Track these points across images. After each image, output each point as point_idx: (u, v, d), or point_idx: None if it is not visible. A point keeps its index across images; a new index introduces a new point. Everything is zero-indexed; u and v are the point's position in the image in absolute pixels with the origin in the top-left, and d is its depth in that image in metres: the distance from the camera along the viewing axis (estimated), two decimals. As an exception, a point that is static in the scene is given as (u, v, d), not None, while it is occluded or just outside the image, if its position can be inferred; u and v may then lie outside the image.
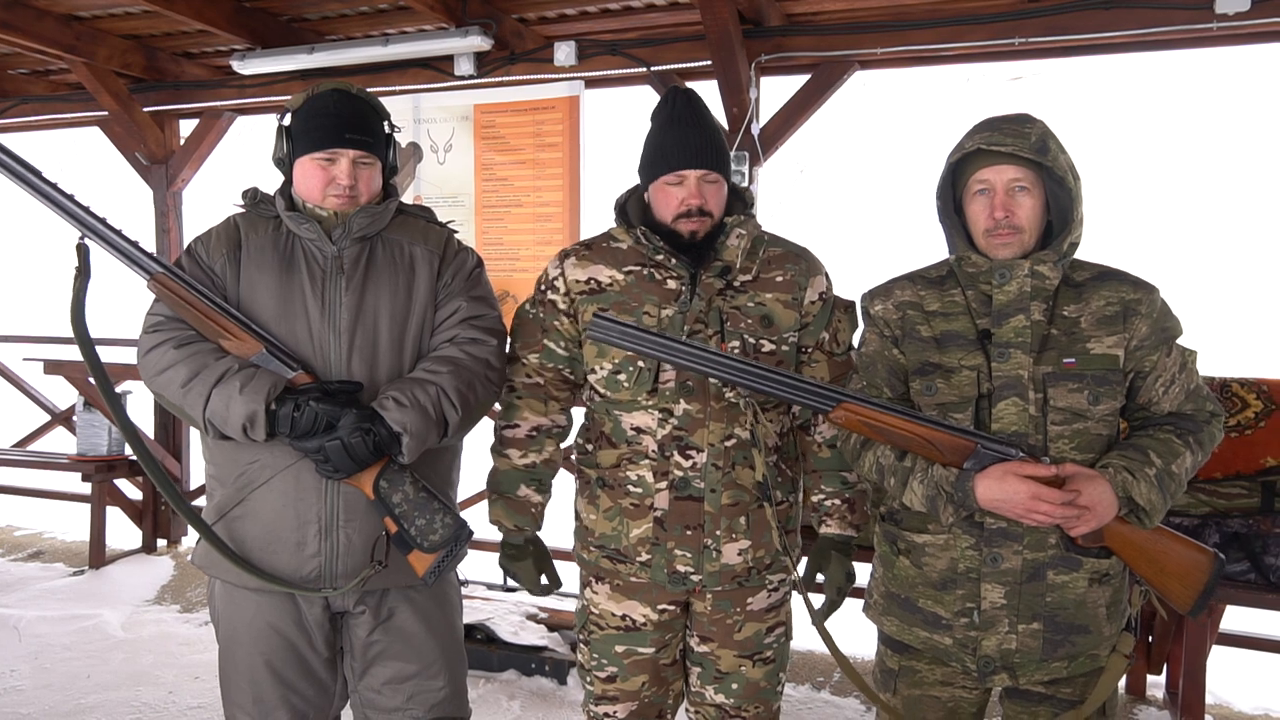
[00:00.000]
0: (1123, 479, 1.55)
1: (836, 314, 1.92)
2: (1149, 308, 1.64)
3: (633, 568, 1.87)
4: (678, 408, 1.81)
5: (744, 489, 1.83)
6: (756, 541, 1.85)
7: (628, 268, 1.87)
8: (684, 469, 1.81)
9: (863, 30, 3.46)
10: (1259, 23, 2.99)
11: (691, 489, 1.82)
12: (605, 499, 1.89)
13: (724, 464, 1.81)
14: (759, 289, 1.86)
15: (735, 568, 1.84)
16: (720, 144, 1.84)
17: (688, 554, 1.83)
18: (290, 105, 1.85)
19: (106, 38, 4.31)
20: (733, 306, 1.84)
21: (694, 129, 1.82)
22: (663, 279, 1.85)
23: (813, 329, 1.89)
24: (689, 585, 1.85)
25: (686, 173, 1.81)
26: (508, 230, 4.09)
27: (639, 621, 1.90)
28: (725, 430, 1.81)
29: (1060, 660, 1.65)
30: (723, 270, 1.85)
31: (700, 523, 1.82)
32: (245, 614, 1.84)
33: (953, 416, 1.63)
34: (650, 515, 1.84)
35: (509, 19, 3.84)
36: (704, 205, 1.81)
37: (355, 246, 1.84)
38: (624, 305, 1.85)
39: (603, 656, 1.93)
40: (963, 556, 1.65)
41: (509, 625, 3.58)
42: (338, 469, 1.71)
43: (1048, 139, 1.62)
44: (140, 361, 1.76)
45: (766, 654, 1.92)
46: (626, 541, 1.86)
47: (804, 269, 1.90)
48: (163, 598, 4.30)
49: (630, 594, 1.90)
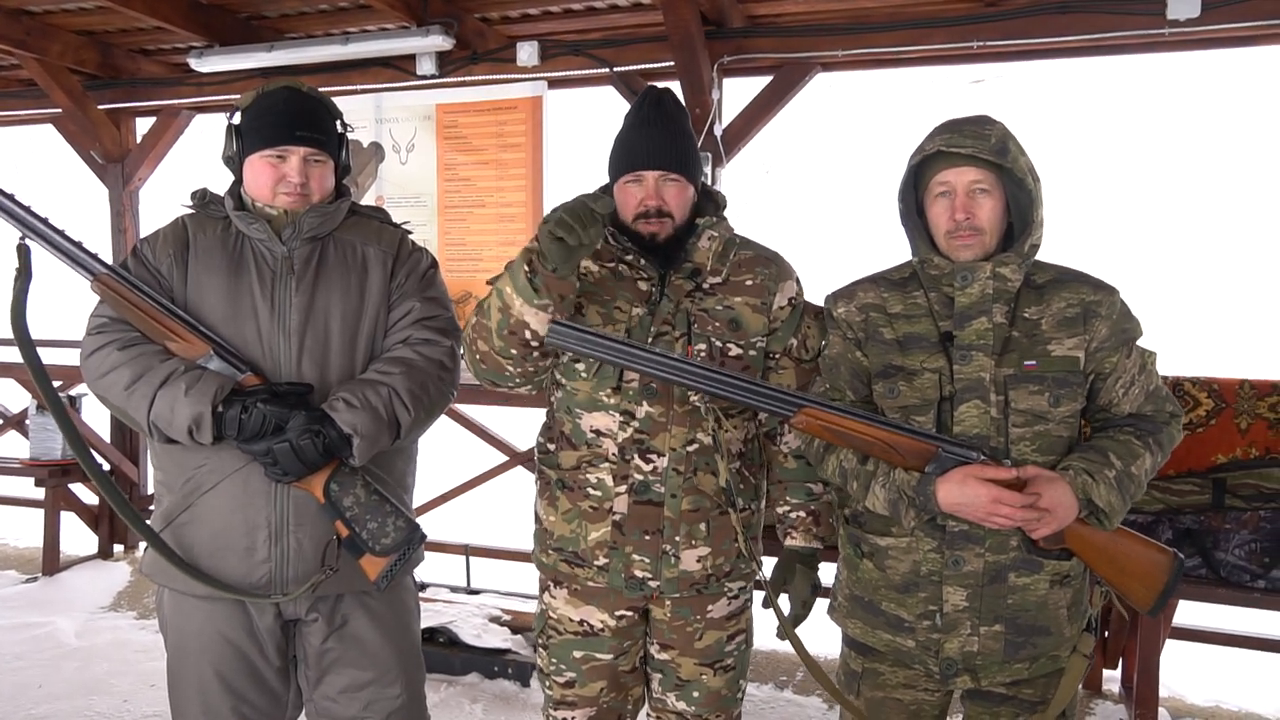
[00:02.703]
0: (1082, 481, 1.56)
1: (806, 320, 1.89)
2: (1109, 309, 1.65)
3: (590, 571, 1.84)
4: (640, 410, 1.79)
5: (705, 495, 1.81)
6: (716, 549, 1.83)
7: (604, 261, 1.85)
8: (644, 473, 1.79)
9: (824, 33, 3.46)
10: (1209, 29, 3.04)
11: (651, 493, 1.80)
12: (564, 500, 1.87)
13: (685, 469, 1.80)
14: (728, 292, 1.84)
15: (694, 574, 1.82)
16: (684, 145, 1.82)
17: (646, 559, 1.81)
18: (240, 104, 1.82)
19: (59, 33, 4.22)
20: (701, 309, 1.82)
21: (656, 129, 1.80)
22: (633, 278, 1.84)
23: (781, 334, 1.87)
24: (646, 591, 1.83)
25: (645, 173, 1.79)
26: (470, 231, 4.05)
27: (596, 627, 1.88)
28: (688, 435, 1.80)
29: (1022, 661, 1.65)
30: (692, 272, 1.83)
31: (659, 528, 1.80)
32: (194, 623, 1.80)
33: (915, 419, 1.63)
34: (609, 519, 1.81)
35: (471, 18, 3.81)
36: (662, 206, 1.79)
37: (306, 246, 1.81)
38: (596, 296, 1.83)
39: (561, 661, 1.91)
40: (925, 559, 1.65)
41: (471, 628, 3.55)
42: (287, 472, 1.68)
43: (1007, 141, 1.63)
44: (83, 364, 1.73)
45: (727, 662, 1.90)
46: (584, 544, 1.84)
47: (774, 273, 1.87)
48: (119, 604, 4.23)
49: (588, 599, 1.88)
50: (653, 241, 1.81)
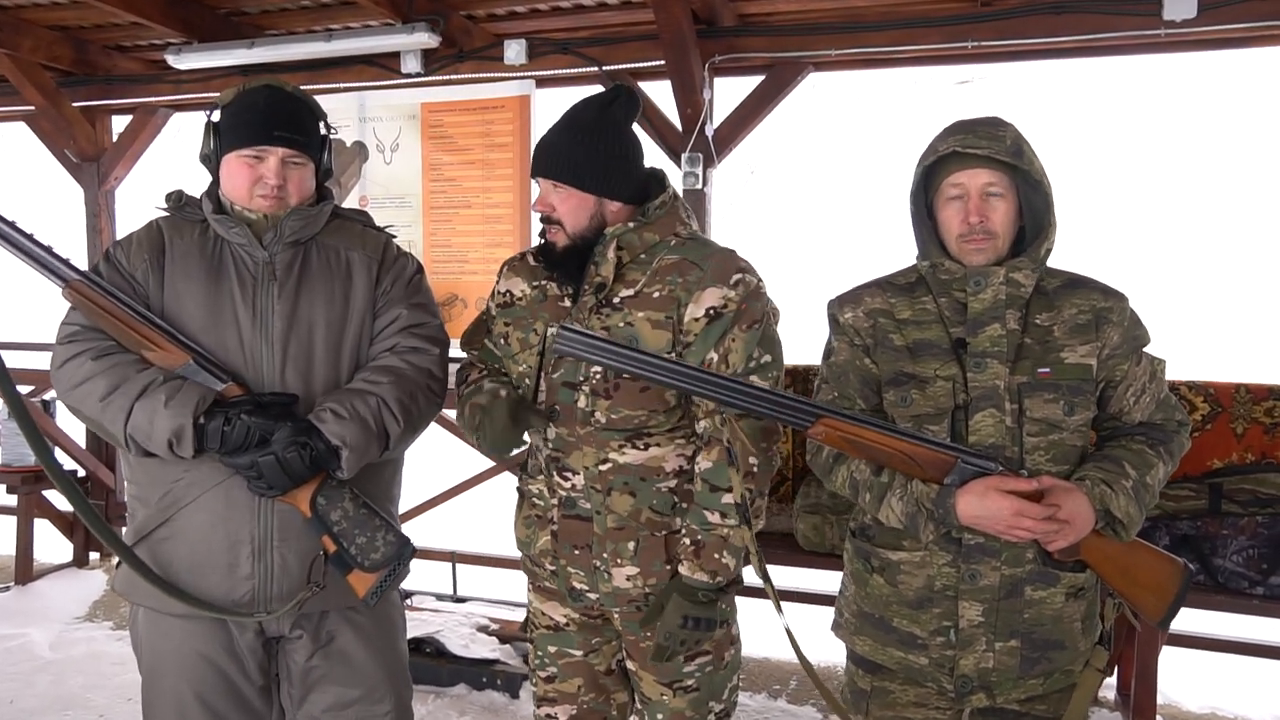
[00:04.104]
0: (1100, 491, 1.52)
1: (734, 332, 1.69)
2: (1120, 316, 1.62)
3: (545, 574, 1.87)
4: (550, 430, 1.78)
5: (622, 515, 1.75)
6: (645, 569, 1.76)
7: (535, 282, 1.84)
8: (565, 489, 1.79)
9: (817, 32, 3.43)
10: (1205, 30, 3.02)
11: (579, 509, 1.78)
12: (525, 506, 1.90)
13: (600, 488, 1.75)
14: (635, 306, 1.72)
15: (629, 592, 1.78)
16: (580, 154, 1.70)
17: (581, 572, 1.80)
18: (220, 101, 1.75)
19: (32, 28, 4.12)
20: (603, 326, 1.72)
21: (556, 135, 1.73)
22: (560, 295, 1.80)
23: (695, 349, 1.69)
24: (587, 602, 1.83)
25: (540, 180, 1.76)
26: (456, 232, 4.00)
27: (562, 622, 1.89)
28: (598, 454, 1.74)
29: (1036, 677, 1.62)
30: (599, 286, 1.74)
31: (589, 543, 1.78)
32: (171, 642, 1.73)
33: (928, 428, 1.59)
34: (549, 528, 1.83)
35: (457, 15, 3.75)
36: (550, 213, 1.74)
37: (288, 251, 1.75)
38: (523, 321, 1.82)
39: (544, 655, 1.92)
40: (939, 574, 1.60)
41: (459, 638, 3.49)
42: (272, 485, 1.62)
43: (1021, 142, 1.59)
44: (54, 374, 1.65)
45: (687, 683, 1.82)
46: (534, 550, 1.86)
47: (693, 280, 1.69)
48: (94, 614, 4.13)
49: (550, 596, 1.90)
50: (554, 252, 1.76)
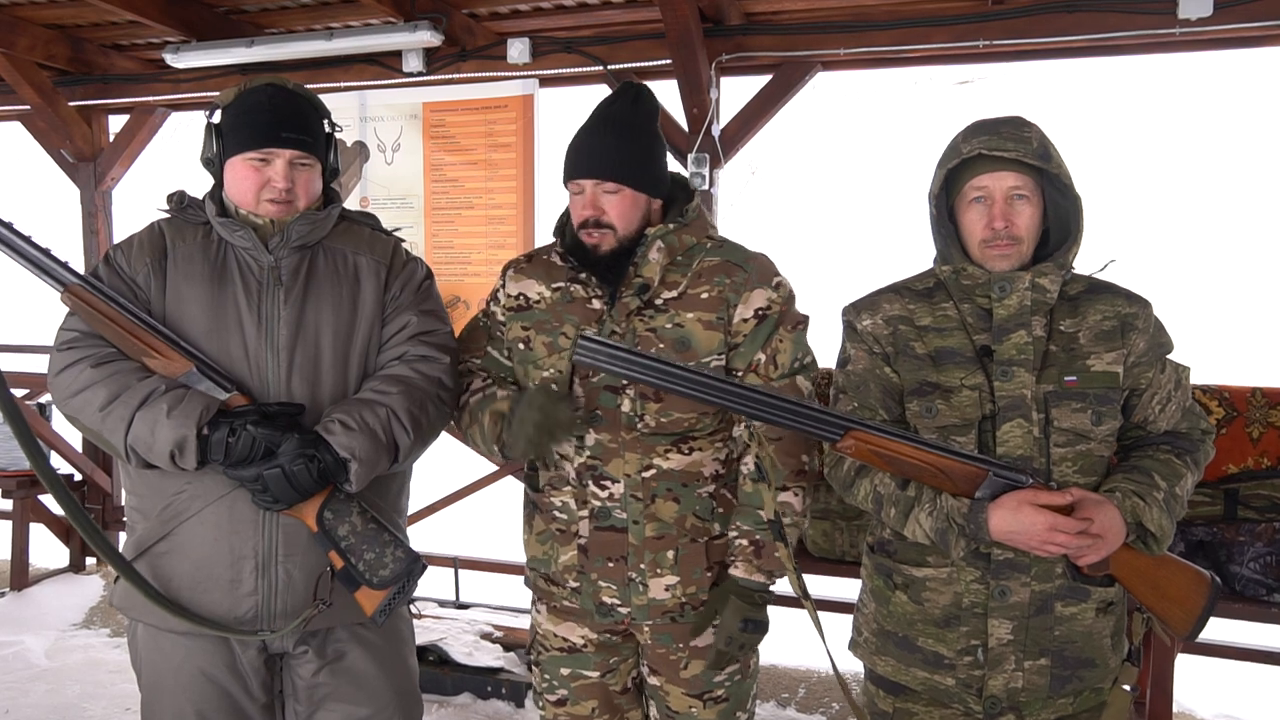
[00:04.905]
0: (1132, 504, 1.48)
1: (780, 333, 1.73)
2: (1145, 322, 1.58)
3: (565, 592, 1.79)
4: (589, 437, 1.71)
5: (666, 523, 1.72)
6: (686, 578, 1.73)
7: (556, 284, 1.77)
8: (601, 499, 1.72)
9: (825, 30, 3.38)
10: (1222, 28, 2.97)
11: (613, 519, 1.72)
12: (539, 521, 1.82)
13: (643, 495, 1.70)
14: (682, 307, 1.71)
15: (665, 603, 1.73)
16: (628, 151, 1.68)
17: (613, 586, 1.73)
18: (220, 101, 1.69)
19: (27, 27, 4.05)
20: (648, 328, 1.70)
21: (596, 136, 1.70)
22: (587, 297, 1.74)
23: (744, 350, 1.72)
24: (617, 617, 1.75)
25: (584, 182, 1.70)
26: (458, 234, 3.95)
27: (579, 643, 1.81)
28: (642, 461, 1.70)
29: (1066, 696, 1.57)
30: (641, 288, 1.71)
31: (624, 555, 1.72)
32: (172, 660, 1.68)
33: (955, 440, 1.54)
34: (575, 542, 1.75)
35: (460, 14, 3.70)
36: (601, 217, 1.69)
37: (294, 256, 1.69)
38: (545, 324, 1.75)
39: (553, 678, 1.85)
40: (967, 590, 1.55)
41: (463, 646, 3.43)
42: (278, 499, 1.56)
43: (1047, 144, 1.54)
44: (52, 382, 1.59)
45: (718, 693, 1.79)
46: (555, 567, 1.78)
47: (739, 282, 1.72)
48: (91, 621, 4.07)
49: (566, 616, 1.82)
50: (596, 254, 1.71)
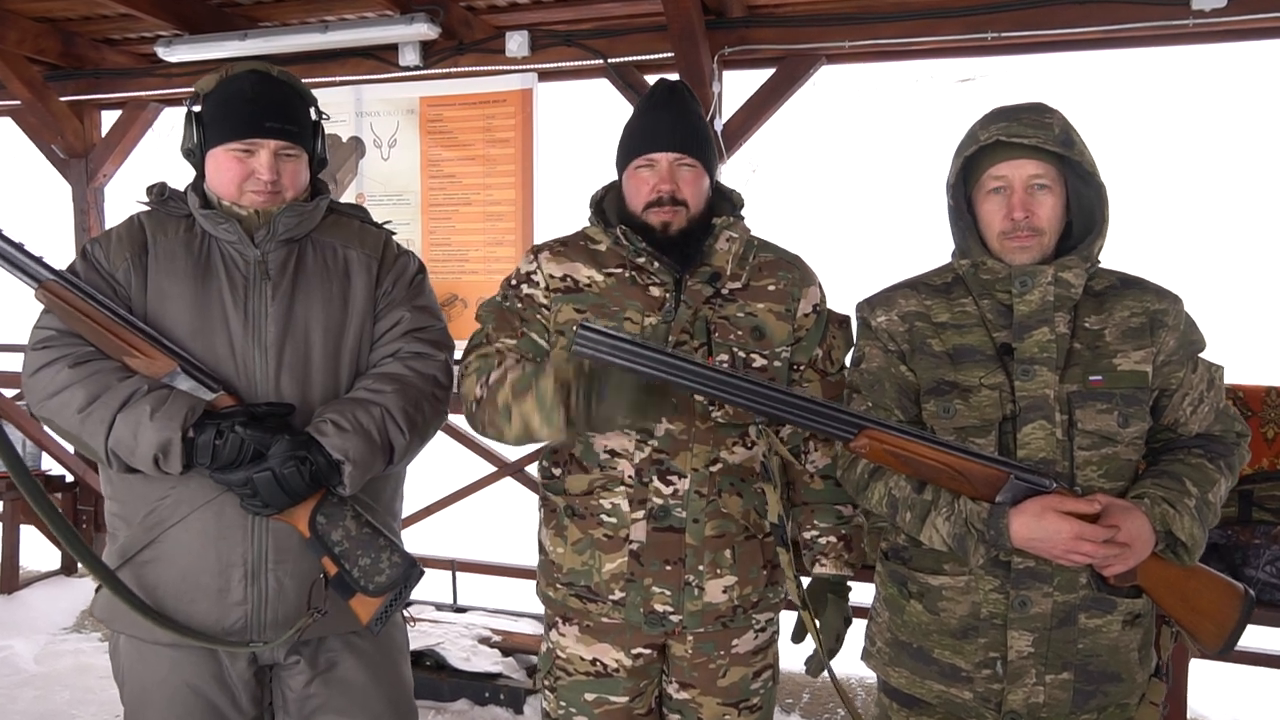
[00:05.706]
0: (1161, 511, 1.40)
1: (831, 329, 1.78)
2: (1175, 319, 1.50)
3: (605, 607, 1.69)
4: (660, 428, 1.63)
5: (730, 519, 1.67)
6: (743, 578, 1.68)
7: (609, 269, 1.70)
8: (664, 496, 1.64)
9: (830, 23, 3.33)
10: (1236, 19, 2.93)
11: (672, 519, 1.64)
12: (575, 530, 1.70)
13: (708, 491, 1.64)
14: (750, 298, 1.71)
15: (720, 606, 1.67)
16: (700, 130, 1.71)
17: (667, 592, 1.65)
18: (201, 88, 1.61)
19: (17, 20, 3.99)
20: (721, 316, 1.67)
21: (668, 111, 1.69)
22: (645, 284, 1.68)
23: (806, 344, 1.75)
24: (667, 626, 1.67)
25: (657, 156, 1.66)
26: (456, 230, 3.88)
27: (610, 667, 1.71)
28: (710, 453, 1.65)
29: (1090, 712, 1.50)
30: (711, 276, 1.69)
31: (681, 557, 1.65)
32: (157, 673, 1.60)
33: (974, 441, 1.47)
34: (625, 548, 1.66)
35: (457, 6, 3.64)
36: (676, 192, 1.66)
37: (281, 250, 1.62)
38: (603, 309, 1.67)
39: (571, 705, 1.74)
40: (986, 600, 1.48)
41: (460, 650, 3.36)
42: (268, 504, 1.49)
43: (1070, 131, 1.47)
44: (27, 382, 1.52)
45: (753, 701, 1.75)
46: (598, 578, 1.68)
47: (797, 278, 1.75)
48: (82, 625, 4.01)
49: (601, 636, 1.71)
50: (665, 234, 1.65)
